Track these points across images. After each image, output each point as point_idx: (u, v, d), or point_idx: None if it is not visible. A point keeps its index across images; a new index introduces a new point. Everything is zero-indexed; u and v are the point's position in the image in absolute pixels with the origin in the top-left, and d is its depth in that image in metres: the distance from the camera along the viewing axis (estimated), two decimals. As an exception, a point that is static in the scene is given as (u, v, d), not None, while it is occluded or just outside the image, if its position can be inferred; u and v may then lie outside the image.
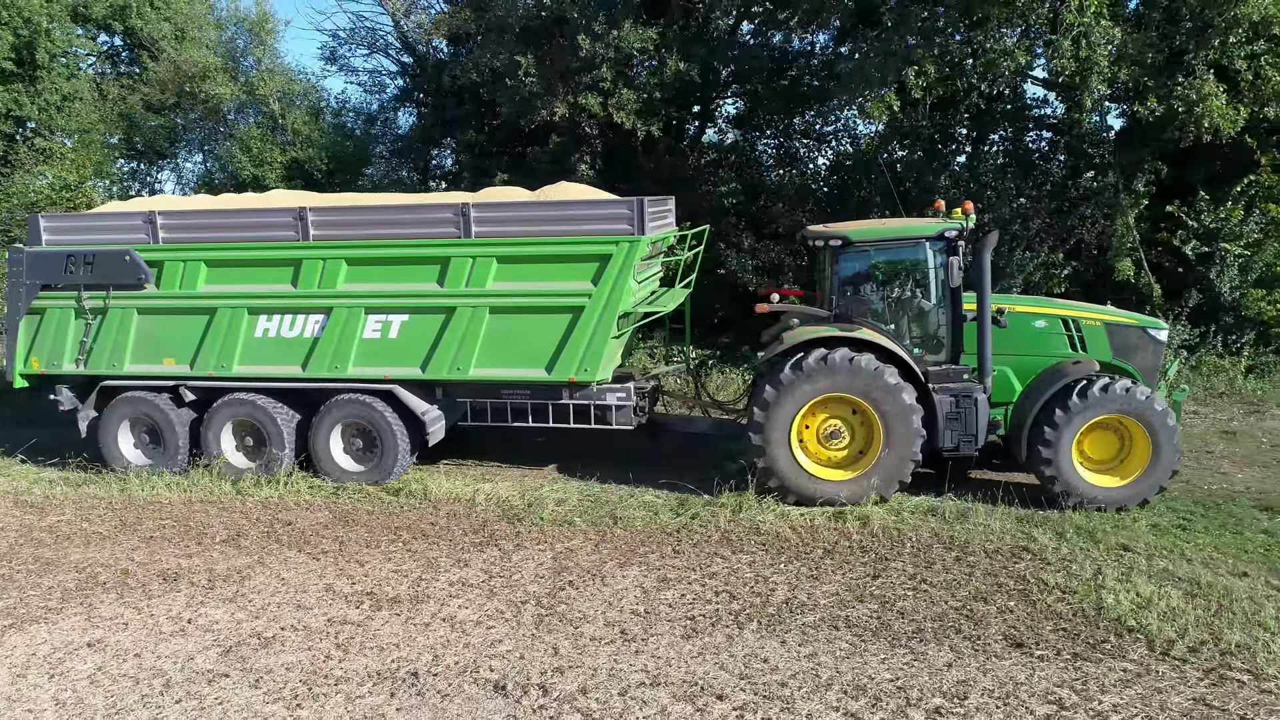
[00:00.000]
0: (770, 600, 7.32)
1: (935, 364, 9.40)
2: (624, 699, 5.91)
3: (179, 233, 10.53)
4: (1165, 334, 9.79)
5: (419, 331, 10.04)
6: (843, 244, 9.43)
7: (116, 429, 10.84)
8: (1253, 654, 6.20)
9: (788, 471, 9.23)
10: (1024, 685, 5.93)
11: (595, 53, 12.51)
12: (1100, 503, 8.94)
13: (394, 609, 7.30)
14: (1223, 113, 11.37)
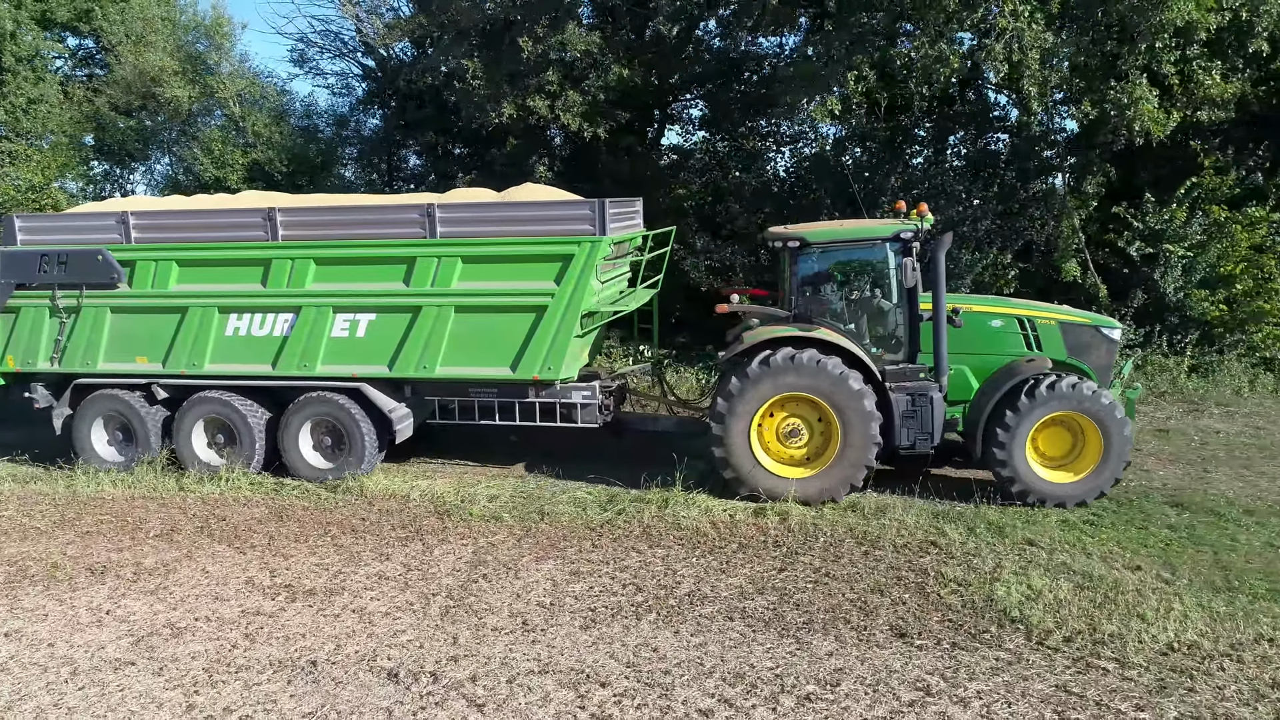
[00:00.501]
0: (674, 593, 7.52)
1: (893, 363, 9.56)
2: (510, 686, 6.12)
3: (151, 233, 10.69)
4: (1119, 333, 9.97)
5: (386, 330, 10.22)
6: (801, 245, 9.60)
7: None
8: (1124, 644, 6.40)
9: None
10: (896, 673, 6.13)
11: (539, 56, 12.73)
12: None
13: (308, 601, 7.51)
14: (1153, 116, 11.56)
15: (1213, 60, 11.97)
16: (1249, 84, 12.28)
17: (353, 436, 10.40)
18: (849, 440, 9.18)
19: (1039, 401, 8.96)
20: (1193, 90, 12.03)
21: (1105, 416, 8.94)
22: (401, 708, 5.88)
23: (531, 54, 12.57)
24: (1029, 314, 9.82)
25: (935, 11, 11.38)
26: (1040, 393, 8.96)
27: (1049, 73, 11.36)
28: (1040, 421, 9.05)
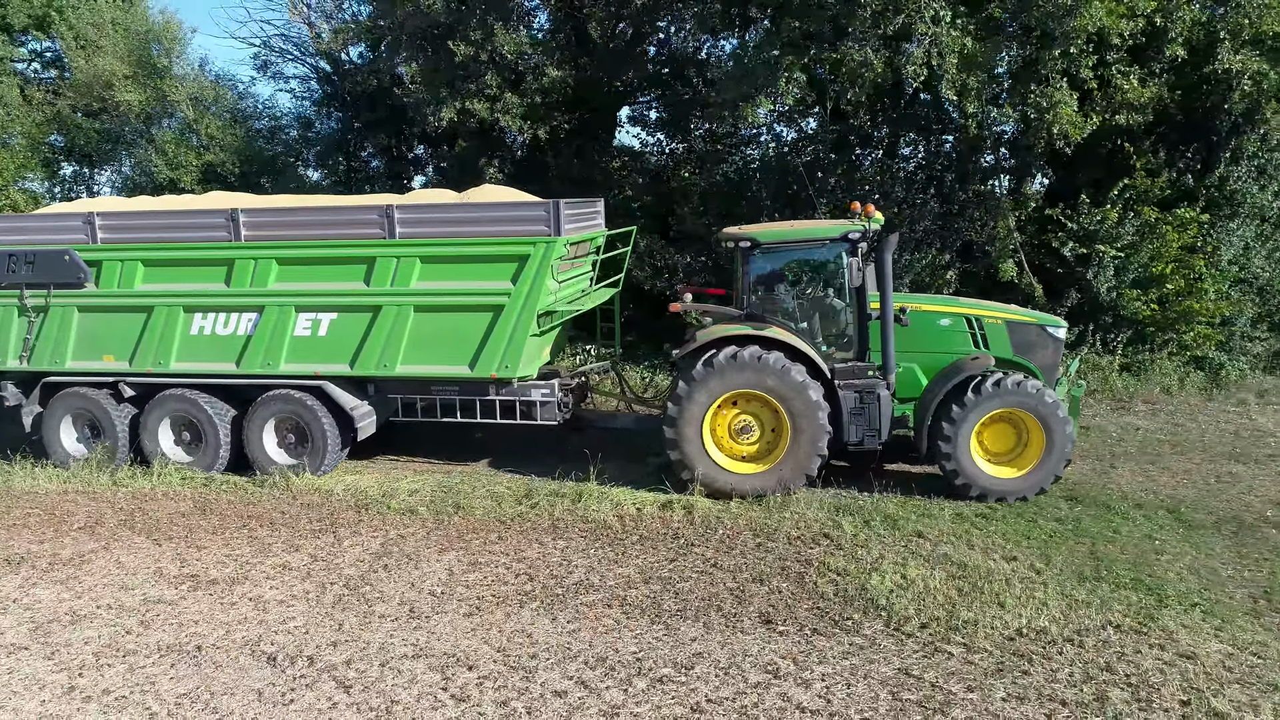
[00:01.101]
0: (563, 582, 7.79)
1: (843, 361, 9.77)
2: (382, 669, 6.40)
3: (116, 233, 10.86)
4: (1063, 332, 10.19)
5: (347, 329, 10.41)
6: (752, 245, 9.78)
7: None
8: (975, 629, 6.67)
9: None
10: (751, 657, 6.41)
11: (474, 59, 13.00)
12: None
13: (210, 590, 7.79)
14: (1072, 120, 11.80)
15: (1131, 65, 12.23)
16: (1166, 89, 12.50)
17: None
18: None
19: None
20: (1112, 95, 12.27)
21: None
22: (272, 689, 6.16)
23: (465, 57, 12.85)
24: (976, 313, 10.05)
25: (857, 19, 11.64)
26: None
27: (966, 77, 11.61)
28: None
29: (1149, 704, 5.69)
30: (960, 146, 15.55)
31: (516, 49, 13.22)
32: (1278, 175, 14.31)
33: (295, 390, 10.59)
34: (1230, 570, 7.73)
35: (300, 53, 17.31)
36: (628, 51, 15.47)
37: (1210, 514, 9.06)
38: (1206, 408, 13.39)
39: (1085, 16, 10.84)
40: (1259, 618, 6.84)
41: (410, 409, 10.86)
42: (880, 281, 9.33)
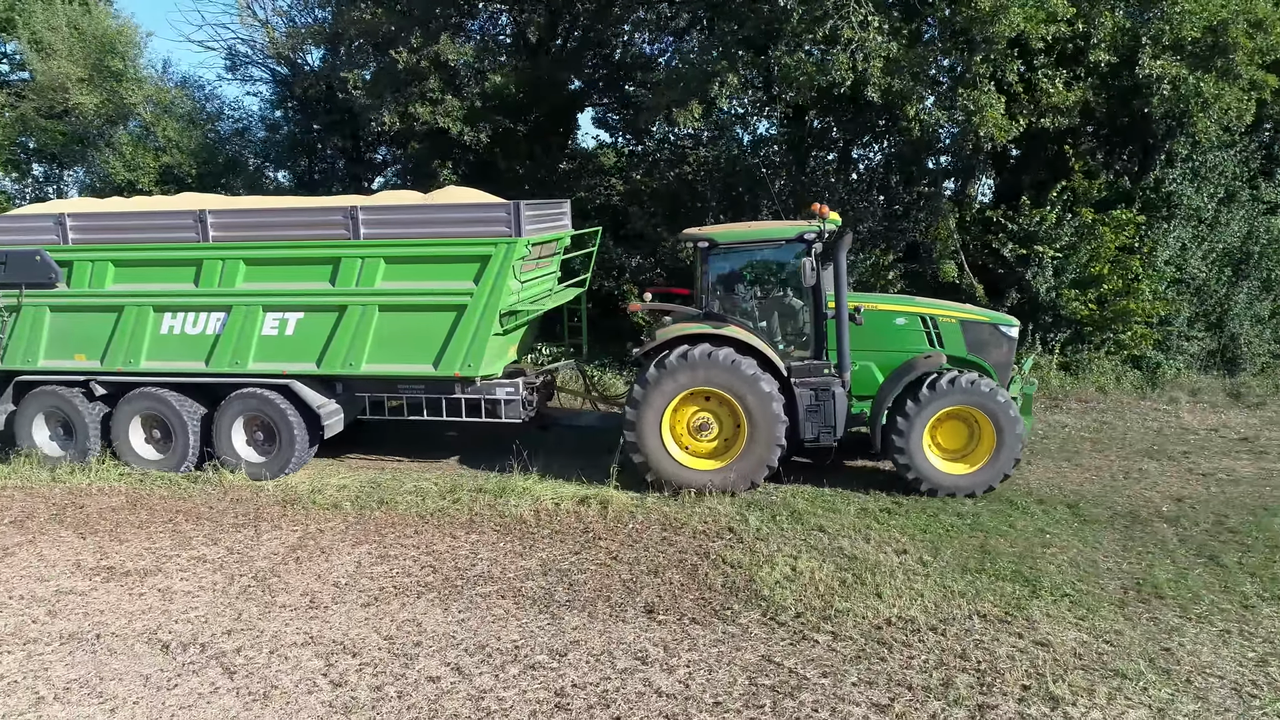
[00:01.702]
0: (466, 574, 8.04)
1: (800, 359, 9.93)
2: (270, 656, 6.64)
3: (87, 234, 10.98)
4: (1016, 331, 10.38)
5: (314, 328, 10.55)
6: (710, 246, 9.97)
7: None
8: (846, 619, 6.91)
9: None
10: (625, 645, 6.65)
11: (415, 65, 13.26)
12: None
13: (123, 581, 8.04)
14: (998, 123, 12.02)
15: (1057, 69, 12.45)
16: (1092, 92, 12.73)
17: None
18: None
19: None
20: (1038, 98, 12.50)
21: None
22: (160, 674, 6.41)
23: (408, 64, 13.11)
24: (931, 312, 10.25)
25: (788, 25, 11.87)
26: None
27: (891, 80, 11.83)
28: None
29: (990, 688, 5.93)
30: (905, 149, 15.81)
31: (458, 55, 13.46)
32: (1211, 177, 14.52)
33: (263, 389, 10.74)
34: (1110, 563, 7.96)
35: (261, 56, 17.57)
36: (576, 55, 15.71)
37: (1108, 509, 9.30)
38: (1138, 406, 13.64)
39: (1004, 23, 11.05)
40: (1123, 608, 7.08)
41: (378, 407, 11.01)
42: (835, 281, 9.50)
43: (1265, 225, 14.73)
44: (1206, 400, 13.82)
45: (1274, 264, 14.73)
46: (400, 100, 13.68)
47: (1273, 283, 14.80)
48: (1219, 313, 14.92)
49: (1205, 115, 12.12)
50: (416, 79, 13.63)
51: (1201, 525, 8.79)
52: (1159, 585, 7.42)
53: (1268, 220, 14.76)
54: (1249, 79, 11.91)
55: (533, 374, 11.60)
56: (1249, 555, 8.02)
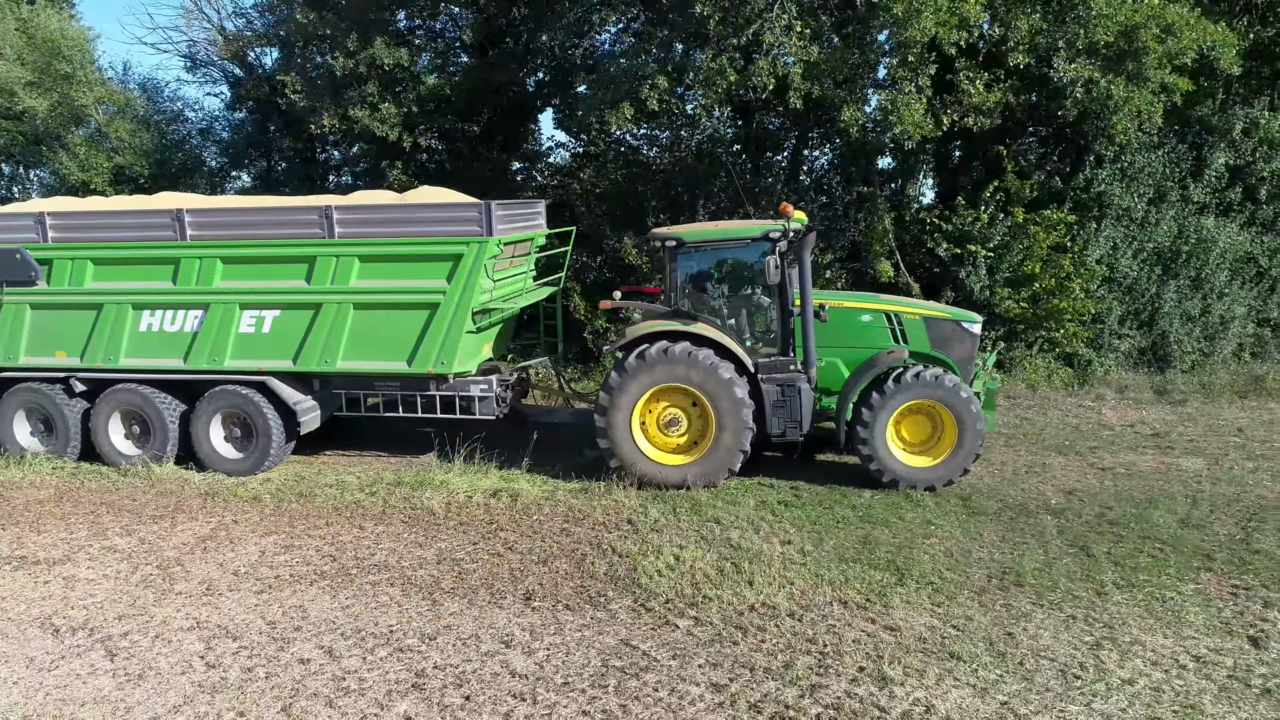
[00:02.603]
0: (363, 563, 8.32)
1: (767, 356, 10.12)
2: (154, 640, 6.93)
3: (66, 232, 11.15)
4: (978, 327, 10.57)
5: (290, 326, 10.73)
6: (678, 244, 10.16)
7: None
8: (711, 605, 7.20)
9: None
10: (494, 630, 6.94)
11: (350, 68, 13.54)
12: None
13: (31, 569, 8.32)
14: (917, 123, 12.26)
15: (978, 72, 12.72)
16: (1012, 94, 12.99)
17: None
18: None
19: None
20: (960, 99, 12.76)
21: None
22: (45, 657, 6.70)
23: (345, 69, 13.38)
24: (895, 309, 10.45)
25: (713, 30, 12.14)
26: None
27: (810, 85, 12.10)
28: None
29: (827, 669, 6.21)
30: (845, 151, 16.08)
31: (393, 59, 13.72)
32: (1140, 178, 14.78)
33: (240, 386, 10.92)
34: (984, 553, 8.23)
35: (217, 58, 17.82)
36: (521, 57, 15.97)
37: (999, 501, 9.57)
38: (1063, 403, 13.90)
39: (916, 28, 11.31)
40: (981, 595, 7.35)
41: (354, 404, 11.20)
42: (800, 279, 9.73)
43: (1195, 225, 14.98)
44: (1132, 397, 14.09)
45: (1203, 263, 14.98)
46: (339, 104, 13.94)
47: (1202, 281, 15.05)
48: (1150, 311, 15.18)
49: (1119, 117, 12.37)
50: (355, 83, 13.90)
51: (1084, 517, 9.06)
52: (1023, 574, 7.70)
53: (1197, 220, 15.01)
54: (1159, 82, 12.16)
55: (507, 371, 11.73)
56: (1119, 545, 8.29)
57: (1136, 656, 6.32)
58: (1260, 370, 14.46)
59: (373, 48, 13.49)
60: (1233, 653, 6.37)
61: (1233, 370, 14.67)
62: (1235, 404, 13.64)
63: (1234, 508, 9.24)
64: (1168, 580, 7.54)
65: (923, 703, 5.79)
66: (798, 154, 18.39)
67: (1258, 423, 12.63)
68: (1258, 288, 15.28)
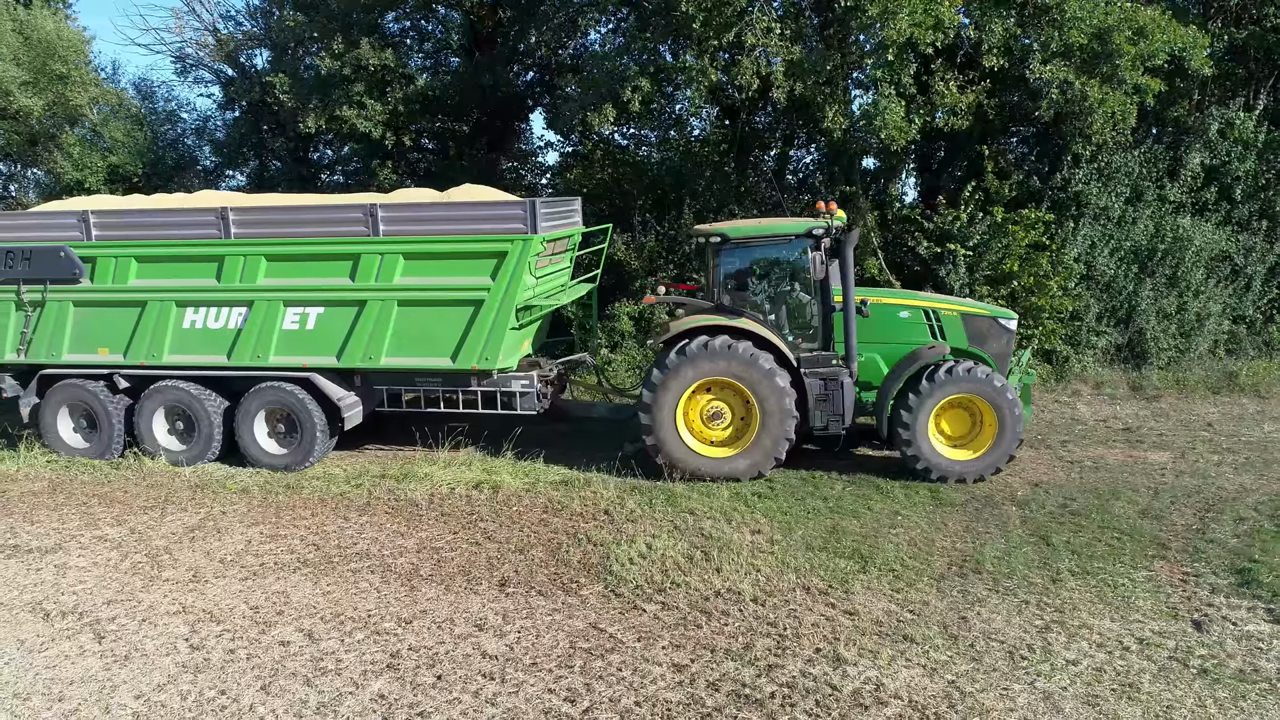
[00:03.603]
0: (345, 552, 8.58)
1: (808, 350, 10.30)
2: (141, 624, 7.19)
3: (110, 231, 11.27)
4: (1014, 323, 10.77)
5: (334, 323, 10.86)
6: (722, 241, 10.32)
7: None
8: (679, 591, 7.47)
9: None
10: (468, 614, 7.20)
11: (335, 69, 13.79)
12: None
13: (25, 558, 8.59)
14: (897, 125, 12.52)
15: (951, 73, 12.97)
16: (985, 95, 13.24)
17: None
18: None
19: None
20: (934, 100, 13.01)
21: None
22: (35, 639, 6.97)
23: (331, 69, 13.63)
24: (934, 306, 10.63)
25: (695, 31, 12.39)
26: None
27: (793, 84, 12.34)
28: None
29: (784, 651, 6.48)
30: (829, 150, 16.34)
31: (379, 60, 13.98)
32: (1117, 177, 15.03)
33: (284, 382, 11.03)
34: (947, 542, 8.50)
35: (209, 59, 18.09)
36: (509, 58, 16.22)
37: (967, 493, 9.83)
38: (1040, 399, 14.13)
39: (892, 29, 11.56)
40: (940, 582, 7.61)
41: (395, 400, 11.34)
42: (842, 275, 9.93)
43: (1171, 224, 15.22)
44: (1107, 393, 14.35)
45: (1179, 261, 15.22)
46: (327, 104, 14.19)
47: (1178, 279, 15.28)
48: (1126, 309, 15.42)
49: (1094, 118, 12.62)
50: (342, 83, 14.15)
51: (1047, 508, 9.32)
52: (982, 561, 7.96)
53: (1173, 219, 15.25)
54: (1132, 84, 12.41)
55: (547, 367, 11.86)
56: (1078, 535, 8.55)
57: (1083, 639, 6.59)
58: (1234, 367, 14.71)
59: (359, 49, 13.73)
60: (1175, 635, 6.63)
61: (1207, 366, 14.91)
62: (1208, 399, 13.90)
63: (1194, 499, 9.51)
64: (1121, 568, 7.80)
65: (874, 681, 6.06)
66: (784, 154, 18.68)
67: (1228, 418, 12.89)
68: (1233, 286, 15.51)
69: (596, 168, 17.41)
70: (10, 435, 12.54)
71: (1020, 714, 5.67)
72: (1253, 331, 15.67)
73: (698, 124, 17.83)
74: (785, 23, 12.49)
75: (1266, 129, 15.36)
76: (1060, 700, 5.81)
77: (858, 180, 15.58)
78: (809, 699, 5.87)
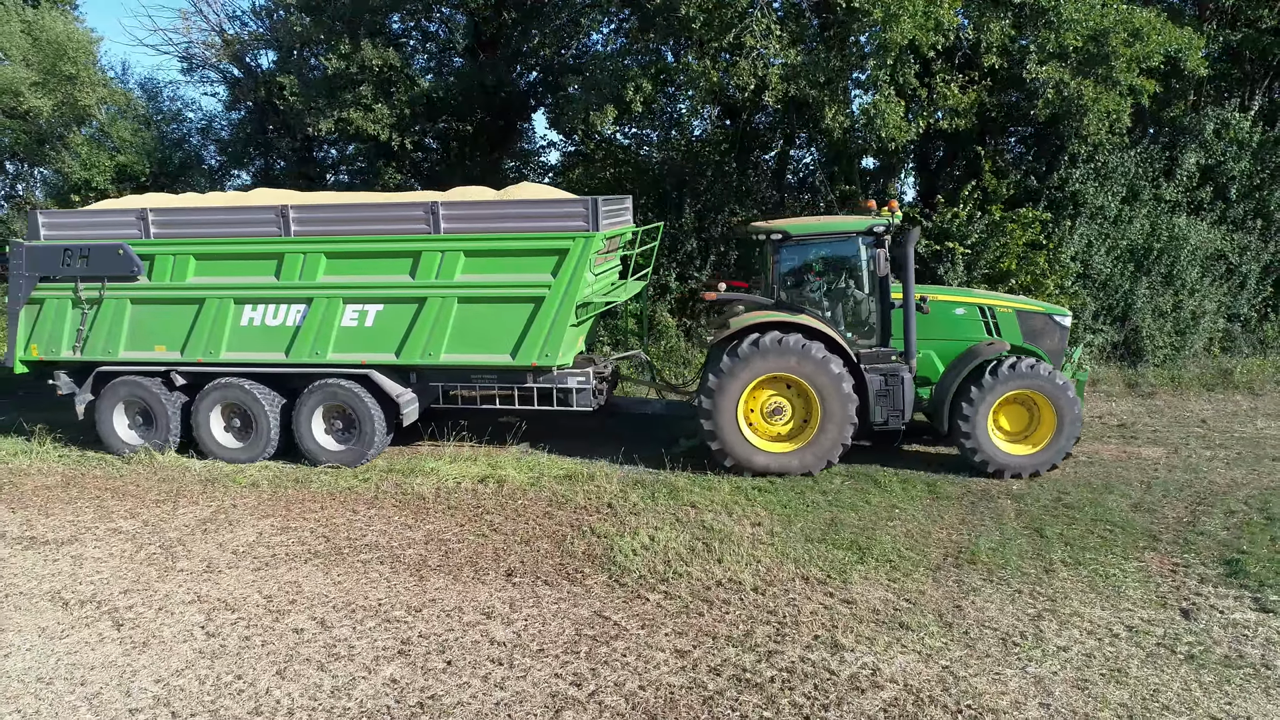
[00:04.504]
0: (356, 544, 8.78)
1: (867, 347, 10.46)
2: (158, 612, 7.39)
3: (169, 228, 11.34)
4: (1069, 320, 10.93)
5: (393, 320, 10.92)
6: (783, 238, 10.44)
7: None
8: (681, 581, 7.66)
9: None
10: (477, 603, 7.39)
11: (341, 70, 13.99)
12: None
13: (42, 550, 8.78)
14: (897, 125, 12.71)
15: (952, 73, 13.15)
16: (985, 94, 13.43)
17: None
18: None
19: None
20: (936, 100, 13.20)
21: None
22: (56, 626, 7.16)
23: (338, 70, 13.82)
24: (989, 302, 10.78)
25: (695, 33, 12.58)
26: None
27: (788, 86, 12.54)
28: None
29: (784, 637, 6.67)
30: (829, 150, 16.53)
31: (383, 61, 14.17)
32: (1114, 177, 15.21)
33: (343, 379, 11.10)
34: (944, 534, 8.69)
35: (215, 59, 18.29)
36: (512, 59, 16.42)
37: (963, 487, 10.03)
38: (1037, 395, 14.31)
39: (894, 31, 11.74)
40: (936, 572, 7.81)
41: (450, 397, 11.42)
42: (903, 272, 10.08)
43: (1167, 223, 15.42)
44: (1103, 390, 14.52)
45: (1175, 260, 15.41)
46: (334, 106, 14.39)
47: (1174, 278, 15.49)
48: (1123, 307, 15.62)
49: (1089, 118, 12.80)
50: (350, 85, 14.34)
51: (1042, 501, 9.51)
52: (977, 553, 8.15)
53: (1169, 218, 15.45)
54: (1127, 84, 12.59)
55: (601, 363, 11.92)
56: (1071, 527, 8.74)
57: (1074, 626, 6.78)
58: (1228, 364, 14.90)
59: (362, 50, 13.90)
60: (1164, 623, 6.83)
61: (1202, 364, 15.11)
62: (1202, 396, 14.09)
63: (1186, 493, 9.70)
64: (1112, 559, 8.00)
65: (870, 666, 6.25)
66: (784, 154, 18.87)
67: (1222, 414, 13.08)
68: (1228, 284, 15.72)
69: (598, 167, 17.58)
70: (26, 430, 12.76)
71: (1012, 697, 5.86)
72: (1247, 330, 15.88)
73: (698, 124, 18.01)
74: (785, 24, 12.67)
75: (1261, 129, 15.56)
76: (1051, 684, 6.00)
77: (857, 179, 15.76)
78: (808, 683, 6.06)
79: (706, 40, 12.72)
